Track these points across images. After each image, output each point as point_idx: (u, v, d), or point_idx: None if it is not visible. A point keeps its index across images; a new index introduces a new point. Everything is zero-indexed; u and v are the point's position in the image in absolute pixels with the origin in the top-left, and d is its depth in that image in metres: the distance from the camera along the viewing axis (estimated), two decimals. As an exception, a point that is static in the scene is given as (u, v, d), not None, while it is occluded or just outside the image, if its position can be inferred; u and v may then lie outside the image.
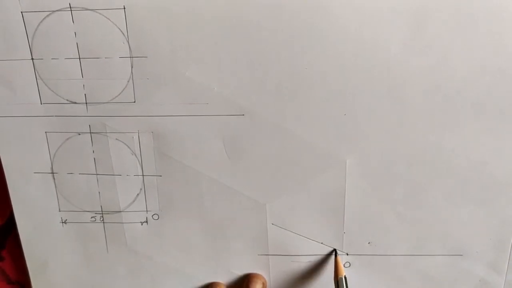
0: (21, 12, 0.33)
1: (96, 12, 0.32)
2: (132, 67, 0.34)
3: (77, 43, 0.33)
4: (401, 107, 0.33)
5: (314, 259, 0.38)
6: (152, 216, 0.38)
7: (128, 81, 0.34)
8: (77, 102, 0.35)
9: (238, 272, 0.39)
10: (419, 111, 0.33)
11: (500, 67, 0.32)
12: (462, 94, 0.33)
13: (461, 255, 0.37)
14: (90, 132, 0.36)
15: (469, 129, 0.34)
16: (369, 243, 0.37)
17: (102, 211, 0.38)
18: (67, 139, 0.36)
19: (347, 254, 0.38)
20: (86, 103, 0.35)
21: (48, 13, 0.33)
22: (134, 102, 0.35)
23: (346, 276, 0.37)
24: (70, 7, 0.32)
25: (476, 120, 0.33)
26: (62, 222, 0.39)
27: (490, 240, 0.37)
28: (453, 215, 0.36)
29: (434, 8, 0.31)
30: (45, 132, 0.36)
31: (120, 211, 0.38)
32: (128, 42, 0.33)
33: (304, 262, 0.38)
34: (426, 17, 0.31)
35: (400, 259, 0.38)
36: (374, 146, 0.35)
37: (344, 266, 0.38)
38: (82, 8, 0.32)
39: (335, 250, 0.38)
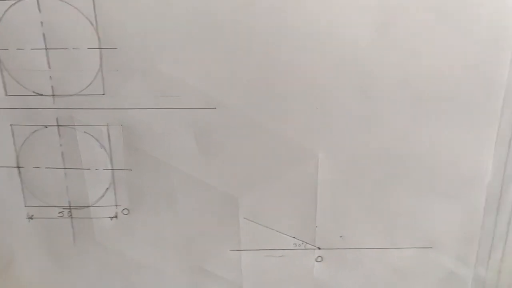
0: (-15, 0, 0.32)
1: (63, 1, 0.31)
2: (101, 58, 0.33)
3: (43, 33, 0.32)
4: (371, 102, 0.34)
5: (286, 253, 0.38)
6: (122, 211, 0.38)
7: (97, 73, 0.33)
8: (43, 94, 0.34)
9: (209, 268, 0.39)
10: (389, 105, 0.34)
11: (470, 63, 0.32)
12: (432, 89, 0.33)
13: (431, 247, 0.38)
14: (58, 125, 0.35)
15: (439, 123, 0.34)
16: (341, 236, 0.37)
17: (70, 206, 0.38)
18: (33, 132, 0.35)
19: (319, 248, 0.38)
20: (53, 95, 0.34)
21: (13, 1, 0.32)
22: (103, 94, 0.34)
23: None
24: (36, -5, 0.32)
25: (445, 115, 0.34)
26: (28, 218, 0.38)
27: (459, 232, 0.37)
28: (423, 209, 0.36)
29: (402, 3, 0.31)
30: (10, 124, 0.35)
31: (89, 206, 0.37)
32: (97, 33, 0.32)
33: (277, 256, 0.38)
34: (395, 12, 0.31)
35: (371, 253, 0.38)
36: (345, 140, 0.35)
37: (316, 261, 0.38)
38: (49, -4, 0.32)
39: None
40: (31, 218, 0.38)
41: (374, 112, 0.34)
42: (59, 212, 0.38)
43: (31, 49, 0.33)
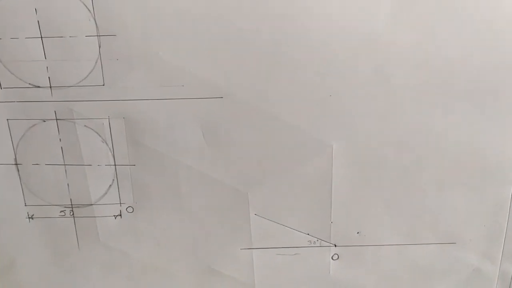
0: (-24, -13, 0.31)
1: (58, -15, 0.31)
2: (100, 46, 0.32)
3: (38, 21, 0.32)
4: (389, 88, 0.32)
5: (300, 251, 0.37)
6: (126, 209, 0.37)
7: (96, 62, 0.33)
8: (40, 86, 0.33)
9: (219, 268, 0.38)
10: (407, 92, 0.32)
11: (492, 45, 0.31)
12: (453, 73, 0.32)
13: (454, 243, 0.37)
14: (56, 119, 0.34)
15: (461, 110, 0.33)
16: (358, 233, 0.37)
17: (71, 204, 0.37)
18: (31, 126, 0.35)
19: (335, 246, 0.37)
20: (50, 86, 0.33)
21: (5, -13, 0.31)
22: (103, 85, 0.33)
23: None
24: (30, -19, 0.31)
25: (468, 101, 0.33)
26: (29, 218, 0.37)
27: (484, 227, 0.36)
28: (445, 202, 0.35)
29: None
30: (7, 119, 0.35)
31: (91, 204, 0.37)
32: (95, 19, 0.31)
33: (290, 255, 0.37)
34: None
35: (391, 249, 0.37)
36: (361, 130, 0.34)
37: (332, 259, 0.37)
38: (43, -19, 0.31)
39: None
40: (31, 218, 0.37)
41: (392, 99, 0.33)
42: (61, 211, 0.37)
43: (26, 38, 0.32)
